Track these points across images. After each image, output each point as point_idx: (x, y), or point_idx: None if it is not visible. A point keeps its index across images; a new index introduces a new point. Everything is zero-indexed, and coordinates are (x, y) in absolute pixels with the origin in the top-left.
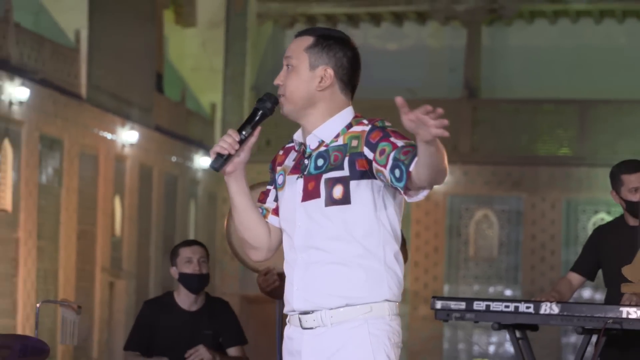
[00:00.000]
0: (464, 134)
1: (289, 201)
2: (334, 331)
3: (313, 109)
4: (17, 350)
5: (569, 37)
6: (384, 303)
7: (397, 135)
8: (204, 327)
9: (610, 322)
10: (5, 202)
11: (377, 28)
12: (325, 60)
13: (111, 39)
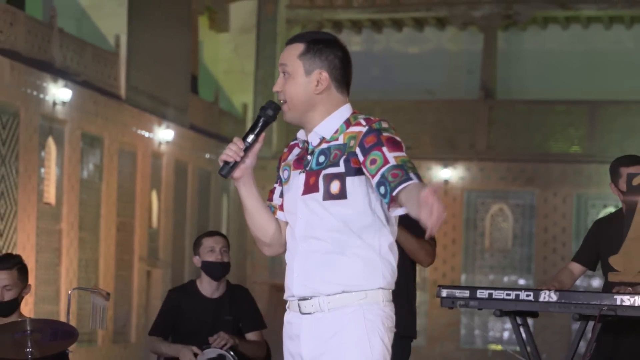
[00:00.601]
0: (480, 132)
1: (292, 194)
2: (331, 316)
3: (313, 111)
4: (48, 333)
5: (580, 42)
6: (378, 290)
7: (390, 145)
8: (225, 313)
9: (605, 309)
10: (49, 196)
11: (399, 33)
12: (319, 64)
13: (149, 44)
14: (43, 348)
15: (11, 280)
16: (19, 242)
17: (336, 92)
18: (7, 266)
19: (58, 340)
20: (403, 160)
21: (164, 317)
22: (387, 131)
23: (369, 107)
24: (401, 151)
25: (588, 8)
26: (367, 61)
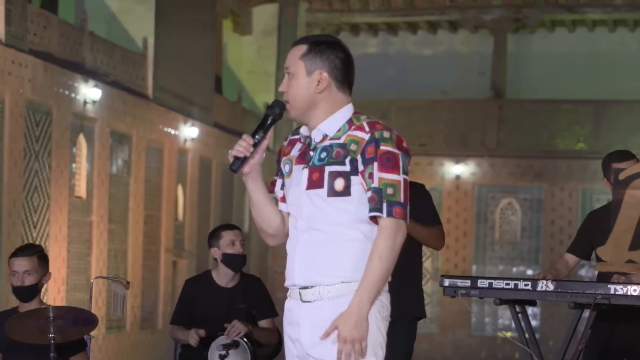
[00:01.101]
0: (490, 130)
1: (295, 188)
2: (331, 305)
3: (315, 109)
4: (70, 320)
5: (586, 44)
6: None
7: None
8: (239, 302)
9: (599, 298)
10: (80, 190)
11: (414, 35)
12: (320, 65)
13: (175, 46)
14: (65, 334)
15: (31, 266)
16: (51, 234)
17: (337, 91)
18: (28, 253)
19: (79, 327)
20: (385, 184)
21: (182, 306)
22: (385, 143)
23: (385, 106)
24: (391, 172)
25: (593, 12)
26: (383, 62)
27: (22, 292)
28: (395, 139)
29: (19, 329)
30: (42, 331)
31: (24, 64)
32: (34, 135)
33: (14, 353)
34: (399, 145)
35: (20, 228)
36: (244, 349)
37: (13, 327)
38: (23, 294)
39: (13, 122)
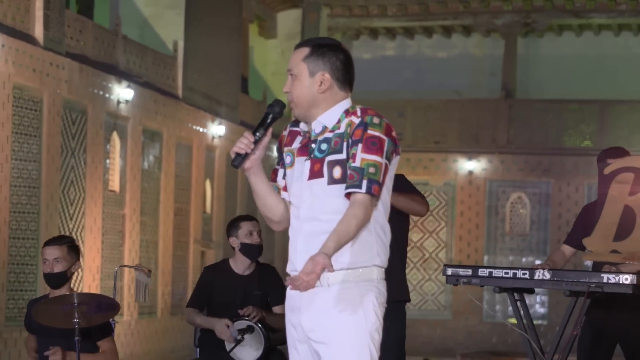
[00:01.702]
0: (501, 128)
1: (298, 179)
2: (330, 291)
3: (317, 107)
4: (93, 306)
5: (592, 47)
6: (373, 268)
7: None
8: (254, 289)
9: (593, 286)
10: (114, 184)
11: (429, 39)
12: (322, 67)
13: (204, 48)
14: (89, 319)
15: (61, 254)
16: (86, 225)
17: (339, 90)
18: (59, 242)
19: (102, 312)
20: (368, 164)
21: (200, 291)
22: (374, 127)
23: (402, 105)
24: (375, 153)
25: (599, 17)
26: (400, 64)
27: (51, 279)
28: (384, 126)
29: (46, 314)
30: (68, 316)
31: (61, 66)
32: (70, 132)
33: (45, 337)
34: (388, 133)
35: (57, 220)
36: (258, 333)
37: (40, 312)
38: (52, 281)
39: (51, 121)
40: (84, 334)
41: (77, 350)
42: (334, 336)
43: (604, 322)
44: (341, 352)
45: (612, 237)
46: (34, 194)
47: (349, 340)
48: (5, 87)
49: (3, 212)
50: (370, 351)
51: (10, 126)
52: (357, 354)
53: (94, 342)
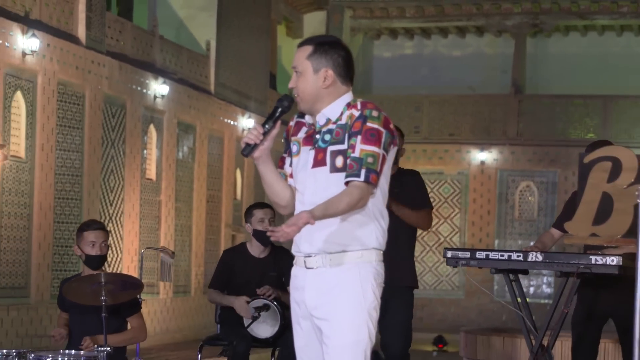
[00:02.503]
0: (511, 122)
1: (302, 167)
2: (332, 271)
3: (321, 102)
4: (119, 285)
5: (596, 47)
6: (372, 250)
7: (366, 137)
8: (270, 270)
9: (582, 267)
10: (150, 173)
11: (445, 39)
12: (325, 63)
13: (234, 48)
14: (115, 296)
15: (106, 237)
16: (125, 211)
17: (341, 85)
18: (103, 227)
19: (127, 290)
20: (366, 154)
21: (220, 272)
22: (372, 120)
23: (419, 100)
24: (373, 144)
25: (602, 18)
26: (418, 62)
27: (99, 261)
28: (383, 119)
29: (76, 292)
30: (96, 294)
31: (102, 64)
32: (110, 125)
33: (77, 314)
34: (386, 125)
35: (98, 206)
36: (273, 311)
37: (71, 290)
38: (99, 262)
39: (92, 114)
40: (113, 310)
41: (104, 325)
42: (335, 313)
43: (594, 300)
44: (341, 328)
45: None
46: (76, 182)
47: (348, 317)
48: (50, 83)
49: (48, 198)
50: (368, 327)
51: (55, 119)
52: (356, 330)
53: (124, 318)
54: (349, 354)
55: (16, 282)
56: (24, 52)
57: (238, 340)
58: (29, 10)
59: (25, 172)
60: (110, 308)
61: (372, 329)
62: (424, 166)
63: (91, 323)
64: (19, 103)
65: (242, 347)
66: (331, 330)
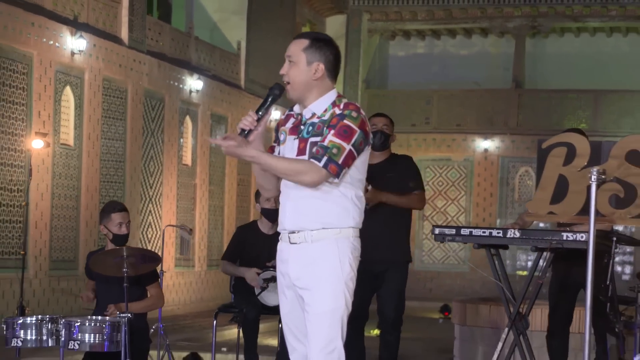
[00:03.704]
0: (512, 113)
1: (288, 154)
2: (313, 246)
3: (310, 92)
4: (139, 258)
5: (588, 46)
6: (349, 229)
7: (339, 132)
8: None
9: (554, 243)
10: (186, 159)
11: (453, 39)
12: (318, 58)
13: (263, 47)
14: (135, 268)
15: (128, 218)
16: (163, 193)
17: (328, 80)
18: (125, 208)
19: (146, 263)
20: (333, 145)
21: (233, 246)
22: (350, 119)
23: (429, 94)
24: (343, 139)
25: (594, 21)
26: (428, 61)
27: (125, 238)
28: (360, 120)
29: (101, 264)
30: (119, 266)
31: (143, 62)
32: (150, 116)
33: (103, 283)
34: (362, 126)
35: (139, 189)
36: None
37: (97, 262)
38: (125, 240)
39: (134, 107)
40: (134, 281)
41: (126, 294)
42: (315, 283)
43: (566, 272)
44: (321, 296)
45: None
46: (120, 167)
47: (327, 287)
48: (96, 79)
49: (94, 181)
50: (345, 296)
51: (100, 111)
52: (334, 298)
53: (144, 288)
54: (328, 320)
55: (66, 256)
56: (73, 51)
57: (249, 308)
58: (77, 15)
59: (73, 158)
60: (132, 279)
61: (348, 297)
62: (434, 153)
63: (115, 292)
64: (68, 97)
65: (252, 314)
66: (312, 299)
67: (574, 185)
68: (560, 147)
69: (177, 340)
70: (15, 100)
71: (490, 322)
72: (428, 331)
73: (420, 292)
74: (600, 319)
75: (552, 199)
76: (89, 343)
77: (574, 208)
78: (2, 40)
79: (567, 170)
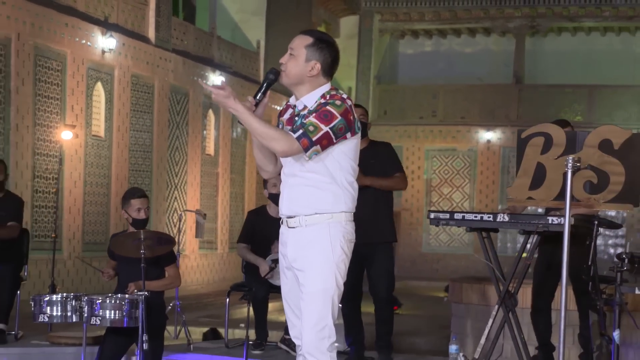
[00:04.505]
0: (512, 107)
1: None
2: (307, 230)
3: (302, 85)
4: (155, 240)
5: (583, 45)
6: (341, 213)
7: (320, 115)
8: None
9: (540, 226)
10: (209, 149)
11: (458, 38)
12: (317, 57)
13: (281, 46)
14: (152, 250)
15: (147, 204)
16: (188, 181)
17: (322, 77)
18: (144, 194)
19: (162, 245)
20: (310, 123)
21: (245, 230)
22: (333, 106)
23: (436, 89)
24: (321, 122)
25: (589, 21)
26: (435, 58)
27: (144, 222)
28: (343, 109)
29: (121, 245)
30: (137, 248)
31: (168, 60)
32: (175, 110)
33: (124, 263)
34: (344, 114)
35: (165, 177)
36: None
37: (117, 244)
38: (144, 224)
39: (160, 101)
40: (153, 261)
41: (143, 274)
42: (309, 265)
43: (552, 254)
44: (314, 277)
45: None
46: (147, 157)
47: (319, 268)
48: (125, 75)
49: (124, 170)
50: (335, 277)
51: (129, 105)
52: (326, 279)
53: (162, 268)
54: (320, 299)
55: (97, 239)
56: (103, 50)
57: (258, 287)
58: (107, 16)
59: (104, 149)
60: (150, 260)
61: (339, 278)
62: (440, 144)
63: (134, 272)
64: (99, 92)
65: (262, 293)
66: (305, 279)
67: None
68: (538, 136)
69: (200, 317)
70: (50, 95)
71: (483, 300)
72: (433, 309)
73: (427, 273)
74: (583, 297)
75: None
76: (109, 319)
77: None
78: (39, 40)
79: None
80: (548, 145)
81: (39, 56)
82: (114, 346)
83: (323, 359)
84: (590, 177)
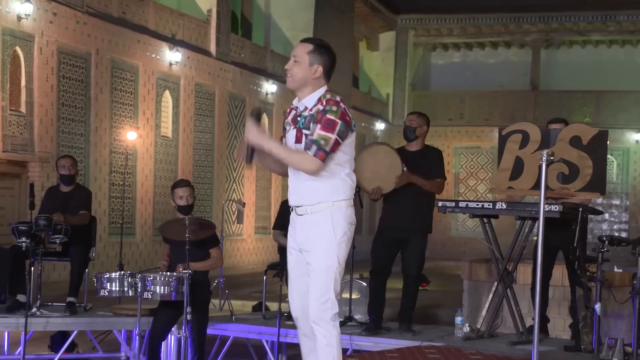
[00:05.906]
0: (529, 110)
1: (290, 142)
2: (312, 217)
3: (305, 87)
4: (198, 225)
5: (592, 56)
6: (341, 201)
7: (323, 125)
8: None
9: (534, 213)
10: None
11: (482, 51)
12: (318, 61)
13: None
14: (195, 233)
15: (192, 192)
16: (245, 175)
17: (323, 80)
18: (189, 184)
19: (204, 230)
20: (320, 137)
21: (279, 218)
22: (331, 113)
23: (463, 95)
24: (327, 131)
25: (596, 35)
26: (463, 67)
27: (188, 209)
28: (340, 113)
29: (168, 230)
30: (182, 232)
31: (227, 70)
32: (233, 114)
33: (174, 246)
34: (342, 117)
35: (225, 172)
36: None
37: (164, 228)
38: (188, 210)
39: (220, 107)
40: (198, 244)
41: (187, 254)
42: (313, 246)
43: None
44: (317, 256)
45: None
46: (209, 155)
47: (323, 249)
48: (189, 84)
49: (189, 166)
50: (337, 257)
51: (193, 110)
52: (327, 257)
53: (207, 250)
54: (323, 276)
55: None
56: (171, 62)
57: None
58: (174, 33)
59: (171, 147)
60: (196, 242)
61: (341, 258)
62: (467, 142)
63: (182, 253)
64: (167, 99)
65: None
66: (310, 259)
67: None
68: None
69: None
70: (124, 102)
71: (490, 277)
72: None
73: (456, 254)
74: (571, 274)
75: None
76: (159, 293)
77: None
78: (115, 54)
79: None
80: (525, 141)
81: (115, 68)
82: (166, 317)
83: (326, 326)
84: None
